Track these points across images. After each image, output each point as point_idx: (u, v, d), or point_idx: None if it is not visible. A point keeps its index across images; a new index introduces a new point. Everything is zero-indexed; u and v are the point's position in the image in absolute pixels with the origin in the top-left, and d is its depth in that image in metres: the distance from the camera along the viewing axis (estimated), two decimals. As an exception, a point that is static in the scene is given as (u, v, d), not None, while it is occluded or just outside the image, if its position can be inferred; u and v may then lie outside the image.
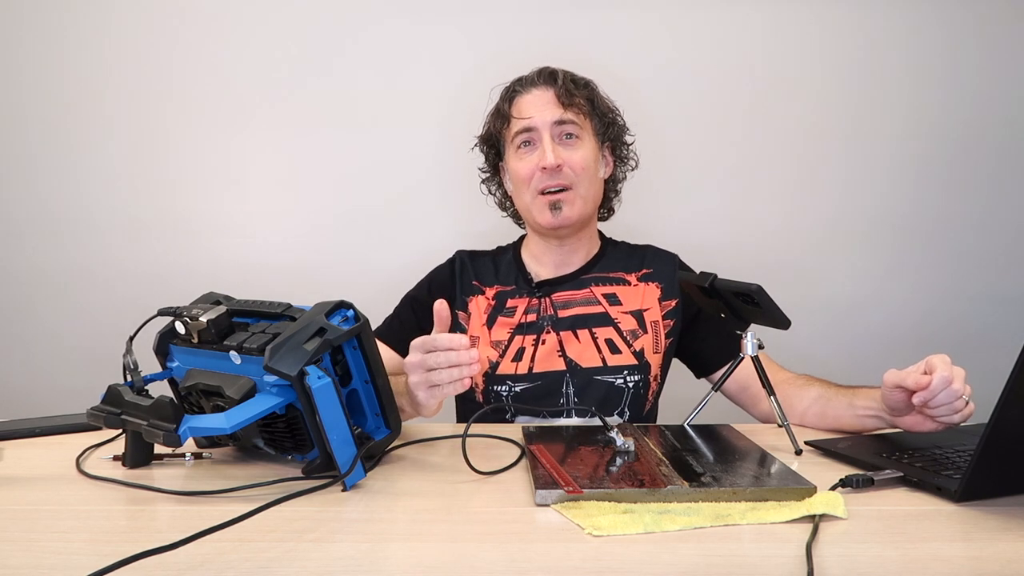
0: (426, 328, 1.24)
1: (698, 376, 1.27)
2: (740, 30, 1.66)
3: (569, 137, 1.20)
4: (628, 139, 1.30)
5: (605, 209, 1.33)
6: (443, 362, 0.87)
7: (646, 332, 1.21)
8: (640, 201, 1.38)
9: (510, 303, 1.23)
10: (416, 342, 0.90)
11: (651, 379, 1.20)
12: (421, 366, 0.88)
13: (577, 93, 1.20)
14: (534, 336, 1.20)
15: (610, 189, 1.31)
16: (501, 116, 1.24)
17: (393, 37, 1.66)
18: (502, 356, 1.19)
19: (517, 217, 1.34)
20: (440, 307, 0.92)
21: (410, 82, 1.67)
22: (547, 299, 1.23)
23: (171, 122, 1.68)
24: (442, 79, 1.67)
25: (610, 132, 1.26)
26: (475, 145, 1.32)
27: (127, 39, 1.66)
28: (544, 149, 1.17)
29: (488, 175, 1.34)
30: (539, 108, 1.20)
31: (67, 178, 1.69)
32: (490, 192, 1.35)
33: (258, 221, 1.70)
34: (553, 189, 1.18)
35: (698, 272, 1.01)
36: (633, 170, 1.33)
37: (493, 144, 1.29)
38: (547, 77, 1.22)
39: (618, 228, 1.38)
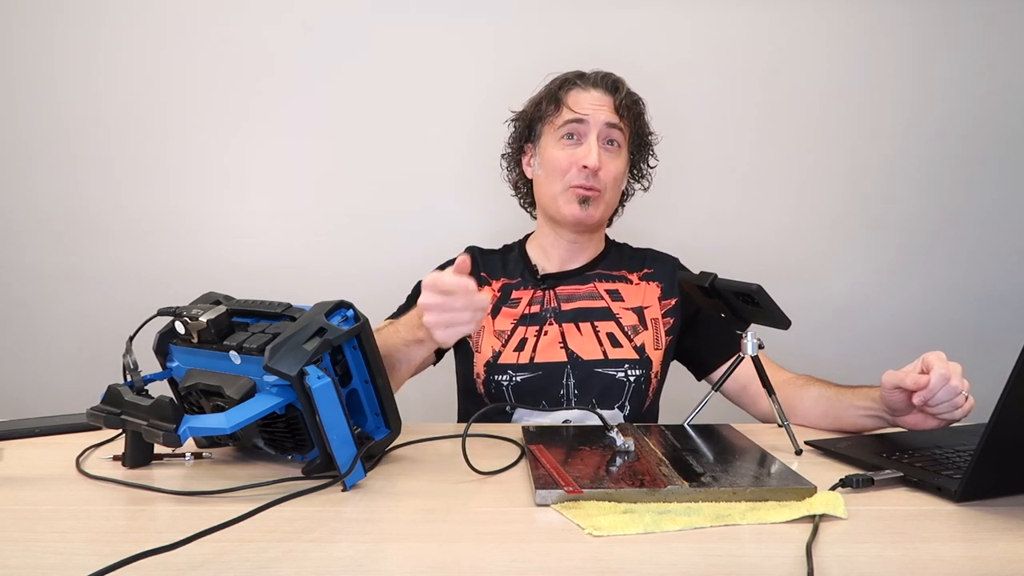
0: None
1: (699, 378, 1.28)
2: (744, 31, 1.66)
3: (611, 144, 1.22)
4: (652, 163, 1.34)
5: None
6: (462, 307, 0.87)
7: (646, 328, 1.22)
8: (642, 201, 1.38)
9: (515, 295, 1.25)
10: (428, 280, 0.88)
11: (652, 375, 1.20)
12: (440, 308, 0.88)
13: (632, 109, 1.24)
14: (537, 327, 1.21)
15: (618, 202, 1.33)
16: (554, 100, 1.24)
17: (397, 38, 1.66)
18: (504, 345, 1.20)
19: (526, 199, 1.35)
20: (463, 260, 0.90)
21: (416, 82, 1.67)
22: (551, 291, 1.24)
23: (171, 121, 1.68)
24: (446, 80, 1.67)
25: (640, 154, 1.30)
26: (508, 120, 1.33)
27: (127, 38, 1.66)
28: (590, 148, 1.19)
29: (511, 152, 1.35)
30: (596, 108, 1.21)
31: (67, 178, 1.69)
32: (506, 168, 1.36)
33: (258, 221, 1.70)
34: (587, 187, 1.20)
35: (698, 272, 1.01)
36: (644, 191, 1.36)
37: (529, 124, 1.29)
38: (611, 84, 1.24)
39: (621, 228, 1.38)
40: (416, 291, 1.29)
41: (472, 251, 1.32)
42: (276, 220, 1.70)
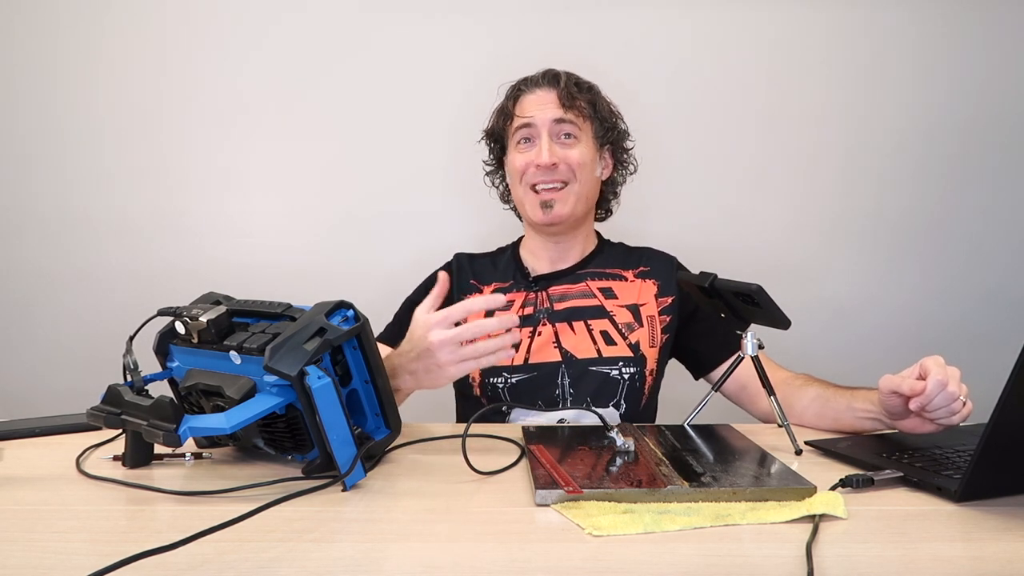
0: None
1: (696, 377, 1.28)
2: (740, 31, 1.66)
3: (568, 137, 1.23)
4: (628, 144, 1.32)
5: (603, 210, 1.35)
6: (479, 331, 0.88)
7: (642, 326, 1.22)
8: (640, 201, 1.38)
9: (507, 297, 1.25)
10: (437, 317, 0.90)
11: (647, 373, 1.20)
12: (453, 341, 0.88)
13: (579, 96, 1.23)
14: (530, 328, 1.21)
15: (608, 191, 1.33)
16: (504, 113, 1.28)
17: (396, 38, 1.66)
18: None
19: (515, 211, 1.36)
20: (443, 276, 0.94)
21: (412, 83, 1.67)
22: (543, 292, 1.25)
23: (171, 121, 1.68)
24: (444, 80, 1.67)
25: (610, 136, 1.28)
26: (481, 139, 1.35)
27: (127, 38, 1.66)
28: (541, 147, 1.21)
29: (492, 168, 1.37)
30: (540, 107, 1.23)
31: (67, 178, 1.69)
32: (493, 185, 1.38)
33: (258, 221, 1.70)
34: (547, 186, 1.21)
35: (698, 272, 1.01)
36: (632, 174, 1.35)
37: (497, 139, 1.32)
38: (551, 79, 1.25)
39: (617, 230, 1.38)
40: (403, 311, 1.29)
41: (458, 257, 1.32)
42: (276, 220, 1.70)
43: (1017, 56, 1.67)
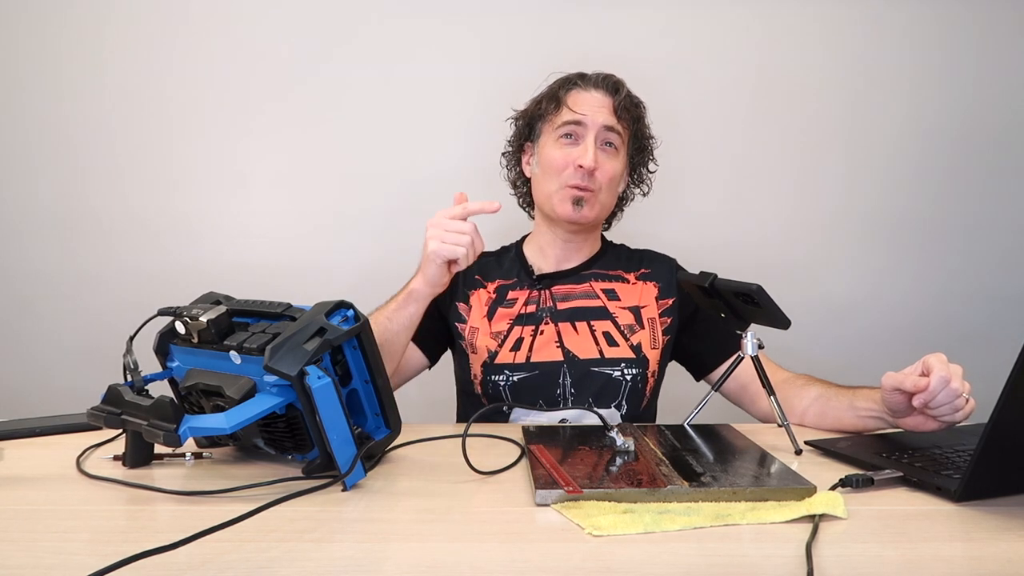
0: (435, 318, 1.25)
1: (697, 378, 1.28)
2: (739, 31, 1.66)
3: (609, 146, 1.23)
4: (652, 168, 1.34)
5: (606, 221, 1.36)
6: (467, 230, 1.07)
7: (643, 328, 1.22)
8: (639, 201, 1.38)
9: (511, 295, 1.25)
10: (441, 210, 1.09)
11: (649, 374, 1.20)
12: (444, 226, 1.07)
13: (631, 111, 1.24)
14: (533, 327, 1.21)
15: (617, 205, 1.34)
16: (554, 100, 1.25)
17: (398, 35, 1.66)
18: (500, 346, 1.20)
19: (524, 198, 1.36)
20: (459, 195, 1.10)
21: (414, 81, 1.67)
22: (547, 291, 1.25)
23: (172, 121, 1.68)
24: (447, 79, 1.67)
25: (639, 158, 1.30)
26: (509, 118, 1.33)
27: (129, 38, 1.66)
28: (587, 148, 1.20)
29: (511, 150, 1.35)
30: (594, 109, 1.22)
31: (68, 178, 1.69)
32: (506, 167, 1.37)
33: (259, 221, 1.70)
34: (581, 187, 1.21)
35: (698, 272, 1.01)
36: (644, 196, 1.36)
37: (530, 123, 1.30)
38: (611, 85, 1.25)
39: (617, 229, 1.38)
40: None
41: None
42: (276, 220, 1.70)
43: (1015, 56, 1.67)
